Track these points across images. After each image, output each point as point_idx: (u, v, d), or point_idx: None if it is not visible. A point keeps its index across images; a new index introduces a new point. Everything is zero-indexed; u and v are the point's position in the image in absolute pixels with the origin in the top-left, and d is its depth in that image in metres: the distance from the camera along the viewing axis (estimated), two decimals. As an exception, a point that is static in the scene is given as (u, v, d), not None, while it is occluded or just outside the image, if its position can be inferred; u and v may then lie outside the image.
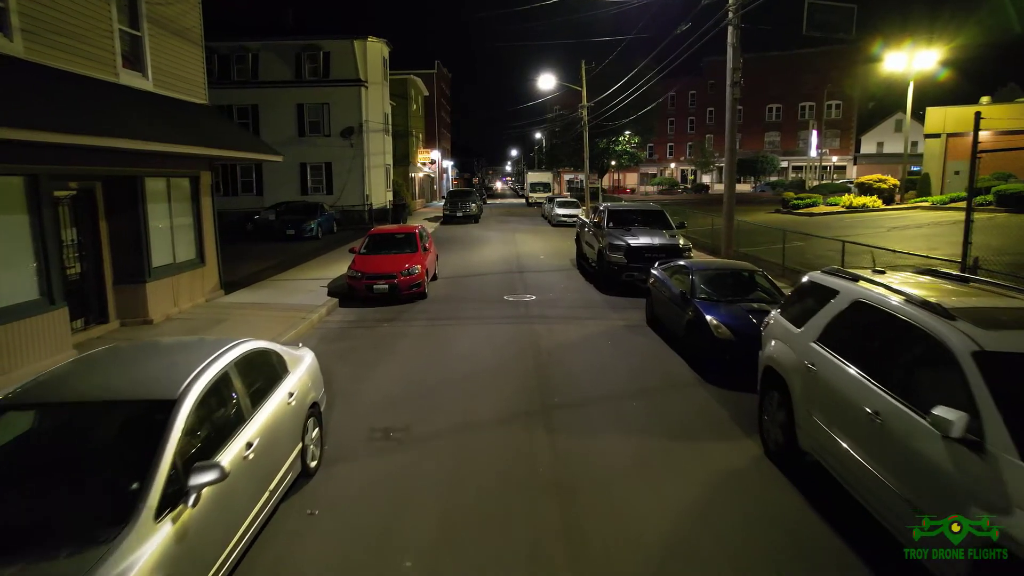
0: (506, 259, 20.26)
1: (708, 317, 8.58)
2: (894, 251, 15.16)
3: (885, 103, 71.17)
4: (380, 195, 35.10)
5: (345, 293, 13.78)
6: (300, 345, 6.40)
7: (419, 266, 13.62)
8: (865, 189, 30.96)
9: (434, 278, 16.08)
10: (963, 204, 27.59)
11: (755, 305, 8.96)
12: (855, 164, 69.46)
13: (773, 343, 6.22)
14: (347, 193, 33.23)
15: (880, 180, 31.38)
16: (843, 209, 29.52)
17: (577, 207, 33.76)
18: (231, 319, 11.31)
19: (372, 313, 12.61)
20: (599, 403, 7.52)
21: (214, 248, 13.21)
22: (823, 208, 30.08)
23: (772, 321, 6.57)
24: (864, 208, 29.29)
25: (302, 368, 5.73)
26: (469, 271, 17.89)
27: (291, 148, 32.61)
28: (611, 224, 15.31)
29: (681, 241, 14.32)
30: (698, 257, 15.35)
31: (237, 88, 32.65)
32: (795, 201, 30.98)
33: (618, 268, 13.97)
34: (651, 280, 11.54)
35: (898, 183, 31.81)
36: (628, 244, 13.96)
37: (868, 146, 70.06)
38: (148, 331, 10.36)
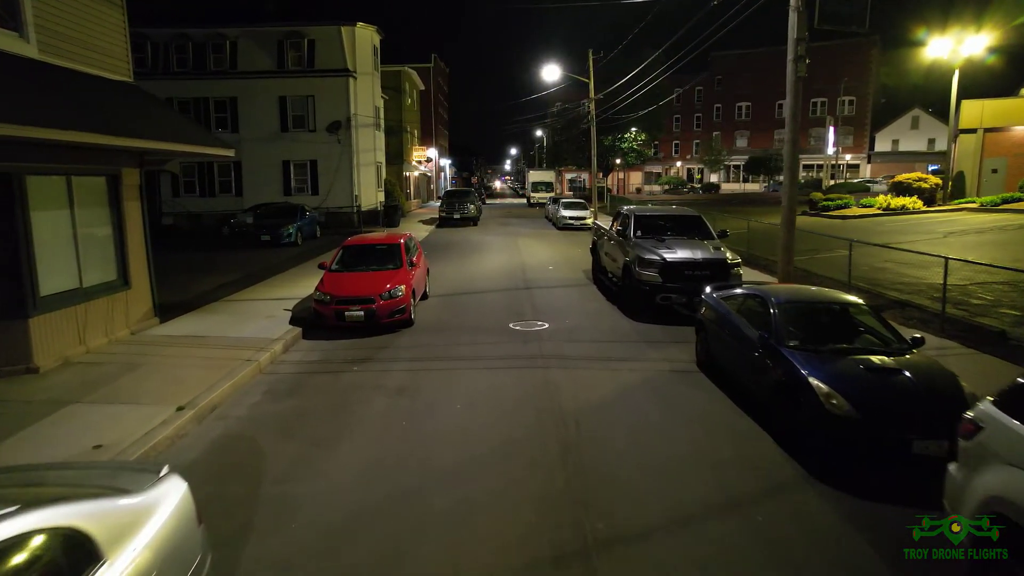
0: (509, 270, 17.54)
1: (812, 380, 5.87)
2: (982, 264, 12.52)
3: (899, 99, 68.61)
4: (371, 195, 32.36)
5: (312, 320, 11.07)
6: (165, 470, 3.65)
7: (403, 286, 10.90)
8: (903, 189, 28.23)
9: (424, 297, 13.38)
10: (1020, 206, 24.90)
11: (875, 360, 6.25)
12: (869, 163, 66.81)
13: (1008, 471, 3.50)
14: (334, 193, 30.51)
15: (920, 179, 28.64)
16: (879, 211, 26.80)
17: (585, 208, 31.03)
18: (150, 363, 8.57)
19: (342, 350, 9.88)
20: (669, 532, 4.79)
21: (145, 265, 10.48)
22: (857, 210, 27.36)
23: (988, 425, 3.82)
24: (904, 210, 26.57)
25: (142, 540, 3.00)
26: (466, 286, 15.16)
27: (273, 144, 30.13)
28: (639, 233, 12.59)
29: (728, 255, 11.60)
30: (745, 275, 12.57)
31: (214, 79, 29.93)
32: (824, 202, 28.28)
33: (651, 288, 11.26)
34: (703, 310, 8.83)
35: (940, 182, 29.07)
36: (663, 259, 11.24)
37: (883, 144, 67.39)
38: (29, 384, 7.62)
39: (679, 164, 77.23)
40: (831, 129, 52.63)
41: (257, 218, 24.31)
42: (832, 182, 53.06)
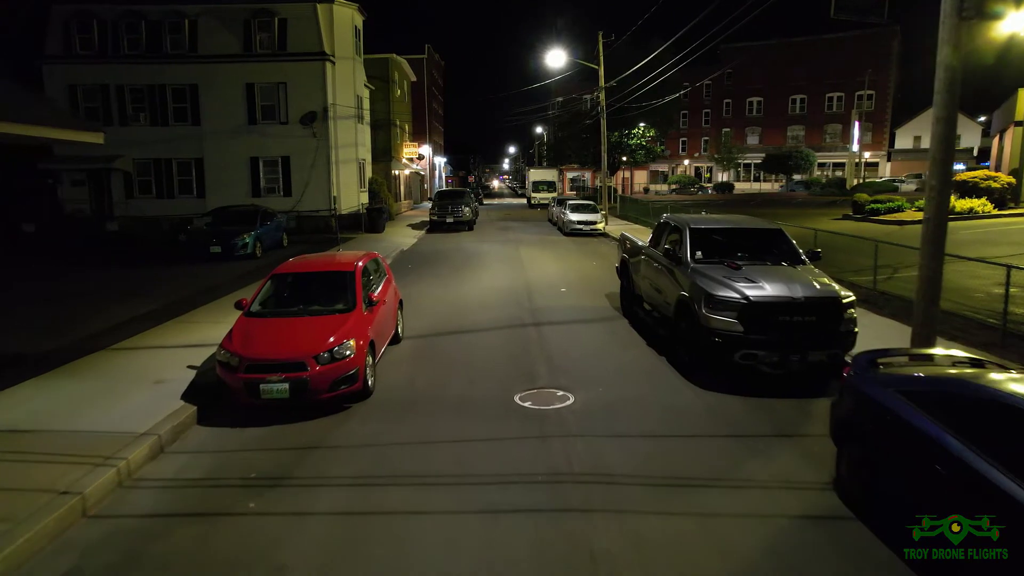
0: (511, 294, 13.78)
1: None
2: None
3: (921, 93, 64.97)
4: (352, 196, 28.58)
5: (219, 389, 7.32)
6: None
7: (354, 341, 7.15)
8: (968, 189, 24.46)
9: (395, 340, 9.65)
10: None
11: None
12: (889, 160, 63.20)
13: None
14: (309, 194, 26.73)
15: (989, 177, 24.86)
16: (943, 215, 22.97)
17: (595, 211, 27.29)
18: None
19: (245, 454, 6.13)
20: None
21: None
22: (913, 214, 23.55)
23: None
24: (972, 214, 22.83)
25: None
26: (455, 321, 11.41)
27: (240, 138, 26.43)
28: (698, 254, 8.84)
29: (838, 289, 7.85)
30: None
31: (171, 63, 26.12)
32: (873, 205, 24.56)
33: (725, 342, 7.52)
34: (849, 402, 5.12)
35: (1013, 181, 25.32)
36: (746, 297, 7.50)
37: (903, 141, 63.75)
38: None
39: (687, 162, 73.50)
40: (855, 124, 48.91)
41: (211, 224, 20.53)
42: (855, 181, 49.41)
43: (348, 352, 7.05)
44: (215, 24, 26.19)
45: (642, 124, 46.61)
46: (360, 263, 8.74)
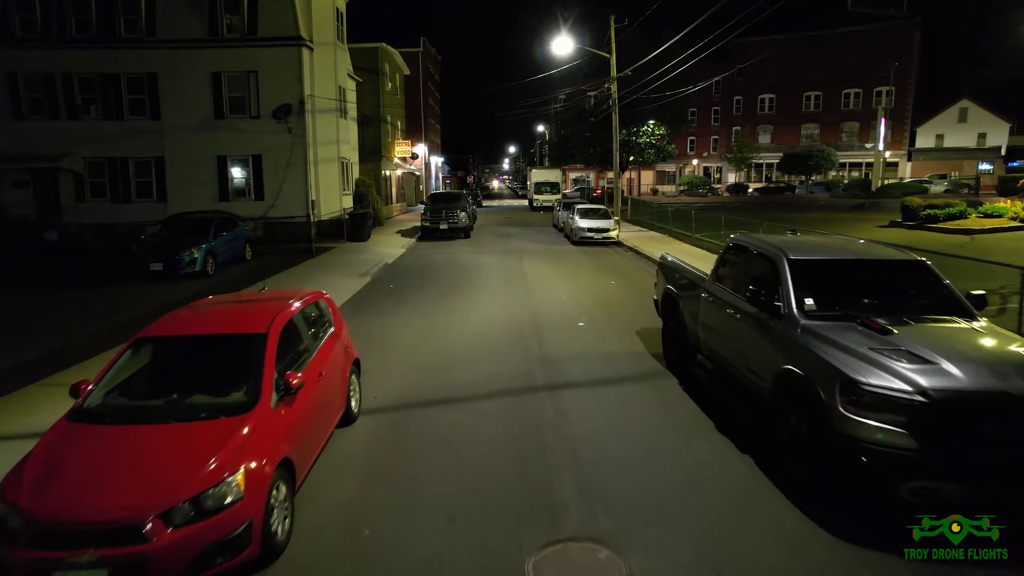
0: (515, 333, 10.62)
1: None
2: None
3: (940, 90, 61.98)
4: (333, 200, 25.46)
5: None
6: None
7: (241, 474, 4.01)
8: (1044, 193, 21.30)
9: (348, 420, 6.52)
10: None
11: None
12: (909, 160, 60.04)
13: None
14: (284, 197, 23.56)
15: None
16: (1019, 222, 19.81)
17: (607, 217, 24.20)
18: None
19: None
20: None
21: None
22: (979, 221, 20.39)
23: None
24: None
25: None
26: (435, 383, 8.23)
27: (205, 134, 23.30)
28: (807, 301, 5.70)
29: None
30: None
31: (126, 49, 22.93)
32: (929, 211, 21.33)
33: (882, 464, 4.38)
34: None
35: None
36: (924, 392, 4.35)
37: (924, 139, 60.61)
38: None
39: (695, 162, 70.32)
40: (881, 122, 45.78)
41: (159, 235, 17.41)
42: (879, 183, 46.31)
43: (230, 497, 3.92)
44: (176, 5, 22.99)
45: (651, 122, 43.56)
46: (287, 312, 5.59)
